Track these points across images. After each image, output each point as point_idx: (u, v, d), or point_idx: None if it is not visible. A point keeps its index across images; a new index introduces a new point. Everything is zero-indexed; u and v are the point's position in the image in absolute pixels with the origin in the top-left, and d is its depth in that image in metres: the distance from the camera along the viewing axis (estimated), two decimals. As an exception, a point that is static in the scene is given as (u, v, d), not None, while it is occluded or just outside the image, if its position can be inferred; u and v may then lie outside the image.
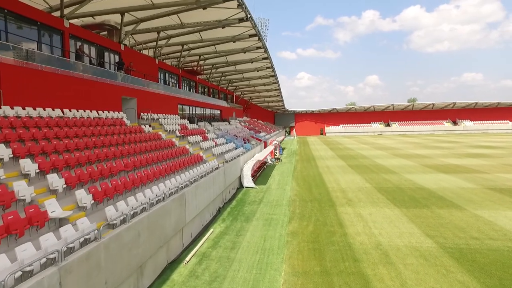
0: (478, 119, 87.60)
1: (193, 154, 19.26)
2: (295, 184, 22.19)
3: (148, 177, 12.24)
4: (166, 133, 21.72)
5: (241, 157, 22.60)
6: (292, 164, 33.18)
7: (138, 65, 25.17)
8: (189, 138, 22.25)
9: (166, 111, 26.86)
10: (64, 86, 15.46)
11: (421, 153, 38.87)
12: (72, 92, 15.88)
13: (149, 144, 16.38)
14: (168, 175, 14.07)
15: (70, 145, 11.91)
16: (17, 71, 12.81)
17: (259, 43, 35.32)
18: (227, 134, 32.07)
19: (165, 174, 13.72)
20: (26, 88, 13.41)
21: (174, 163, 15.06)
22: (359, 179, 23.24)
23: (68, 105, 15.53)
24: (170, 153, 16.60)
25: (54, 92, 14.82)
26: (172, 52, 35.83)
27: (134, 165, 12.90)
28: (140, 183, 11.52)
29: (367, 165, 30.10)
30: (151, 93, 24.51)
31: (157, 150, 16.69)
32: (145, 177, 12.07)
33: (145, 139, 17.07)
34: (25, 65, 13.17)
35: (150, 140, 17.62)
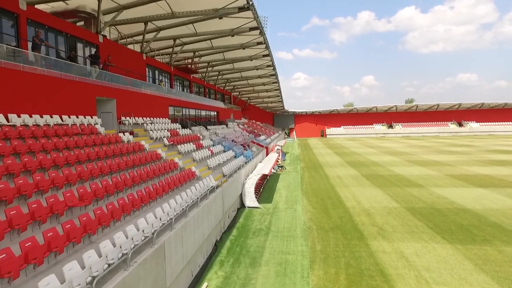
0: (484, 120, 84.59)
1: (183, 169, 15.55)
2: (306, 202, 18.56)
3: (114, 214, 8.53)
4: (152, 142, 18.00)
5: (242, 169, 18.94)
6: (298, 173, 29.56)
7: (122, 61, 21.46)
8: (180, 148, 18.54)
9: (155, 114, 23.13)
10: (12, 84, 11.71)
11: (438, 159, 35.45)
12: (22, 91, 12.11)
13: (125, 160, 12.65)
14: (146, 206, 10.37)
15: (12, 165, 8.23)
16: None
17: (260, 37, 31.68)
18: (224, 140, 28.40)
19: (141, 205, 10.01)
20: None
21: (155, 187, 11.34)
22: (381, 195, 19.67)
23: (17, 108, 11.78)
24: (152, 171, 12.88)
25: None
26: (163, 48, 32.08)
27: (96, 195, 9.18)
28: (97, 226, 7.80)
29: (384, 175, 26.56)
30: (135, 93, 20.78)
31: (136, 166, 12.97)
32: (108, 214, 8.35)
33: (121, 152, 13.35)
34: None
35: (128, 153, 13.90)
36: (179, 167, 15.51)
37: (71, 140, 11.89)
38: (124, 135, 15.75)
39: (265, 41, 32.84)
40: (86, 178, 9.99)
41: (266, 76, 50.87)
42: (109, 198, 9.87)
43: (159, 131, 19.86)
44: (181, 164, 15.77)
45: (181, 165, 15.71)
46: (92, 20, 20.35)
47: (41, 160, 9.36)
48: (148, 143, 16.71)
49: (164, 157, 15.77)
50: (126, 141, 15.31)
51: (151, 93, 23.17)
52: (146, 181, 12.22)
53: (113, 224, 8.58)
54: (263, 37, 31.52)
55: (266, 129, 67.18)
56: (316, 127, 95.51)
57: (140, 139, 17.15)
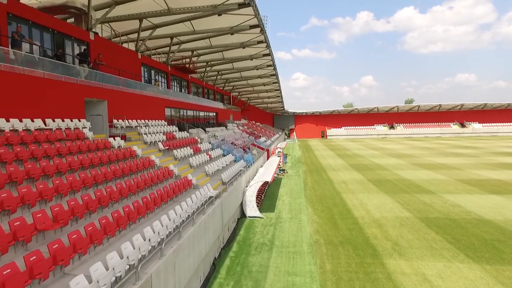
0: (487, 121, 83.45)
1: (178, 177, 14.28)
2: (311, 211, 17.32)
3: (94, 237, 7.25)
4: (145, 147, 16.73)
5: (243, 176, 17.67)
6: (300, 177, 28.32)
7: (115, 60, 20.24)
8: (176, 152, 17.27)
9: (150, 116, 21.89)
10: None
11: (444, 162, 34.24)
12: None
13: (113, 169, 11.37)
14: (134, 224, 9.11)
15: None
16: None
17: (260, 36, 30.45)
18: (224, 142, 27.15)
19: (127, 223, 8.74)
20: None
21: (145, 201, 10.06)
22: (390, 203, 18.44)
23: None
24: (143, 181, 11.62)
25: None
26: (160, 46, 30.84)
27: (73, 213, 7.91)
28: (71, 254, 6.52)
29: (391, 179, 25.34)
30: (128, 94, 19.52)
31: (125, 176, 11.71)
32: (87, 239, 7.07)
33: (109, 160, 12.08)
34: None
35: (118, 160, 12.64)
36: (175, 175, 14.25)
37: (52, 148, 10.63)
38: (115, 140, 14.48)
39: (266, 40, 31.60)
40: (65, 192, 8.73)
41: (266, 76, 49.64)
42: (91, 216, 8.62)
43: (154, 134, 18.61)
44: (177, 172, 14.50)
45: (176, 172, 14.44)
46: (82, 17, 19.10)
47: (12, 173, 8.10)
48: (141, 149, 15.44)
49: (158, 164, 14.49)
50: (116, 147, 14.05)
51: (146, 94, 21.92)
52: (136, 193, 10.95)
53: (93, 249, 7.32)
54: (263, 36, 30.28)
55: (266, 130, 65.96)
56: (316, 128, 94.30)
57: (132, 144, 15.88)
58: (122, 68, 20.63)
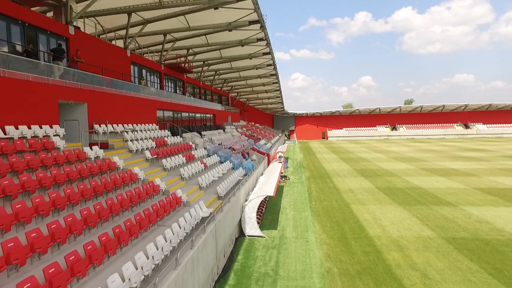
0: (492, 122, 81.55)
1: (166, 193, 12.21)
2: (319, 228, 15.27)
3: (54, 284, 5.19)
4: (130, 156, 14.66)
5: (242, 188, 15.61)
6: (303, 184, 26.27)
7: (100, 58, 18.23)
8: (165, 162, 15.19)
9: (139, 120, 19.84)
10: None
11: (456, 166, 32.24)
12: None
13: (81, 189, 9.28)
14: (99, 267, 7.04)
15: None
16: None
17: (260, 33, 28.45)
18: (221, 148, 25.09)
19: (91, 265, 6.67)
20: None
21: (118, 233, 7.97)
22: (407, 217, 16.41)
23: None
24: (120, 203, 9.54)
25: None
26: (153, 44, 28.81)
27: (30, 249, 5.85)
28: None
29: (402, 188, 23.31)
30: (114, 95, 17.46)
31: (98, 197, 9.64)
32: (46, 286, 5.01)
33: (80, 176, 10.01)
34: None
35: (92, 175, 10.57)
36: (161, 191, 12.18)
37: (5, 163, 8.57)
38: (92, 149, 12.41)
39: (266, 37, 29.59)
40: (6, 226, 6.66)
41: (266, 76, 47.64)
42: (47, 257, 6.56)
43: (141, 141, 16.55)
44: (164, 187, 12.42)
45: (163, 187, 12.36)
46: (62, 9, 17.04)
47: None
48: (123, 159, 13.37)
49: (142, 177, 12.42)
50: (93, 158, 11.99)
51: (135, 95, 19.85)
52: (109, 219, 8.88)
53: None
54: (263, 32, 28.27)
55: (266, 132, 63.93)
56: (317, 129, 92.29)
57: (114, 153, 13.81)
58: (109, 67, 18.60)
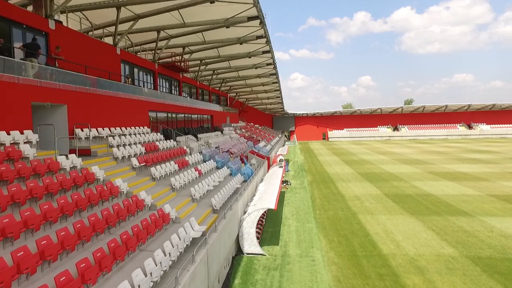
0: (496, 122, 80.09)
1: (152, 209, 10.67)
2: (326, 244, 13.74)
3: None
4: (115, 165, 13.11)
5: (240, 199, 14.07)
6: (305, 190, 24.74)
7: (87, 55, 16.73)
8: (154, 171, 13.63)
9: (129, 122, 18.31)
10: None
11: (464, 170, 30.74)
12: None
13: (46, 209, 7.73)
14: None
15: None
16: None
17: (260, 30, 26.91)
18: (218, 151, 23.54)
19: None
20: None
21: (83, 269, 6.41)
22: (422, 230, 14.89)
23: None
24: (93, 225, 7.98)
25: None
26: (147, 42, 27.29)
27: None
28: None
29: (412, 194, 21.80)
30: (100, 96, 15.92)
31: (68, 217, 8.09)
32: None
33: (47, 191, 8.46)
34: None
35: (64, 190, 9.02)
36: (147, 207, 10.64)
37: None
38: (68, 158, 10.86)
39: (266, 34, 28.04)
40: None
41: (265, 75, 46.09)
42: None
43: (129, 146, 14.99)
44: (150, 201, 10.86)
45: (149, 202, 10.80)
46: (42, 2, 15.50)
47: None
48: (105, 168, 11.82)
49: (125, 190, 10.86)
50: (68, 169, 10.44)
51: (124, 95, 18.31)
52: (77, 248, 7.32)
53: None
54: (263, 29, 26.72)
55: (265, 133, 62.42)
56: (317, 130, 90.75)
57: (95, 161, 12.26)
58: (96, 65, 17.09)
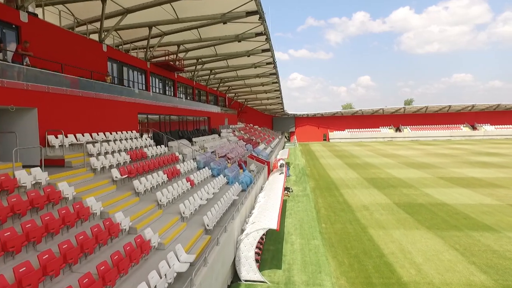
0: (500, 123, 78.40)
1: (131, 234, 8.87)
2: (335, 267, 11.95)
3: None
4: (92, 177, 11.31)
5: (237, 216, 12.28)
6: (309, 198, 22.95)
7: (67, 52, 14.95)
8: (137, 184, 11.81)
9: (115, 127, 16.52)
10: None
11: (477, 175, 28.98)
12: None
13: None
14: None
15: None
16: None
17: (259, 26, 25.13)
18: (215, 156, 21.75)
19: None
20: None
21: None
22: (445, 249, 13.11)
23: None
24: (47, 265, 6.17)
25: None
26: (139, 39, 25.47)
27: None
28: None
29: (425, 204, 20.03)
30: (78, 98, 14.12)
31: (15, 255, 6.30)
32: None
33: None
34: None
35: (16, 216, 7.23)
36: (123, 232, 8.83)
37: None
38: (30, 173, 9.05)
39: (266, 32, 26.26)
40: None
41: (265, 75, 44.33)
42: None
43: (111, 155, 13.19)
44: (128, 224, 9.05)
45: (127, 226, 8.98)
46: (15, -8, 13.74)
47: None
48: (77, 183, 10.01)
49: (99, 212, 9.05)
50: (30, 186, 8.64)
51: (109, 97, 16.50)
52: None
53: None
54: (263, 26, 24.95)
55: (265, 134, 60.66)
56: (318, 131, 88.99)
57: (67, 174, 10.45)
58: (78, 64, 15.33)
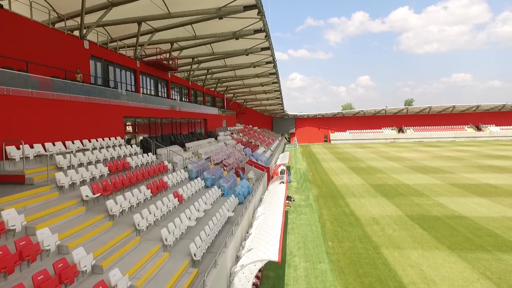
0: (505, 124, 76.55)
1: (95, 274, 6.99)
2: (347, 302, 10.10)
3: None
4: (57, 197, 9.42)
5: (231, 242, 10.40)
6: (312, 209, 21.07)
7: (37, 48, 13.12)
8: (112, 204, 9.91)
9: (94, 134, 14.63)
10: None
11: (491, 181, 27.12)
12: None
13: None
14: None
15: None
16: None
17: (258, 22, 23.31)
18: (209, 164, 19.85)
19: None
20: None
21: None
22: (474, 276, 11.25)
23: None
24: None
25: None
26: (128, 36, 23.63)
27: None
28: None
29: (442, 217, 18.17)
30: (50, 101, 12.25)
31: None
32: None
33: None
34: None
35: None
36: (84, 274, 6.95)
37: None
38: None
39: (265, 28, 24.39)
40: None
41: (265, 75, 42.43)
42: None
43: (84, 167, 11.31)
44: (91, 262, 7.13)
45: (88, 266, 7.08)
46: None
47: None
48: (31, 207, 8.13)
49: (54, 247, 7.14)
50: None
51: (87, 99, 14.60)
52: None
53: None
54: (262, 22, 23.09)
55: (264, 136, 58.80)
56: (319, 132, 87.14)
57: (20, 196, 8.56)
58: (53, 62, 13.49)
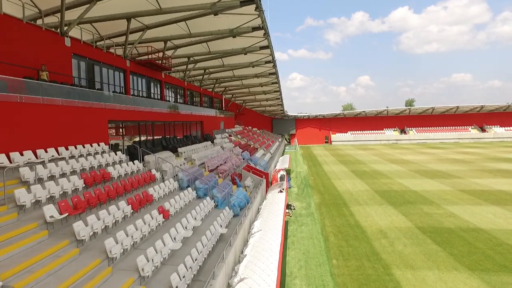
0: (510, 124, 74.94)
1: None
2: None
3: None
4: (15, 219, 7.94)
5: (222, 269, 8.93)
6: (314, 219, 19.56)
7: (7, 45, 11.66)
8: (79, 228, 8.43)
9: (73, 140, 13.15)
10: None
11: (503, 187, 25.62)
12: None
13: None
14: None
15: None
16: None
17: (257, 19, 21.81)
18: (203, 171, 18.34)
19: None
20: None
21: None
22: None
23: None
24: None
25: None
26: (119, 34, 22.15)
27: None
28: None
29: (456, 229, 16.66)
30: (17, 105, 10.78)
31: None
32: None
33: None
34: None
35: None
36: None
37: None
38: None
39: (264, 25, 22.88)
40: None
41: (264, 75, 40.94)
42: None
43: (53, 181, 9.82)
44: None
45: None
46: None
47: None
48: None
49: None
50: None
51: (66, 102, 13.13)
52: None
53: None
54: (260, 18, 21.57)
55: (263, 138, 57.31)
56: (319, 133, 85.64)
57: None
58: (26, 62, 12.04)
